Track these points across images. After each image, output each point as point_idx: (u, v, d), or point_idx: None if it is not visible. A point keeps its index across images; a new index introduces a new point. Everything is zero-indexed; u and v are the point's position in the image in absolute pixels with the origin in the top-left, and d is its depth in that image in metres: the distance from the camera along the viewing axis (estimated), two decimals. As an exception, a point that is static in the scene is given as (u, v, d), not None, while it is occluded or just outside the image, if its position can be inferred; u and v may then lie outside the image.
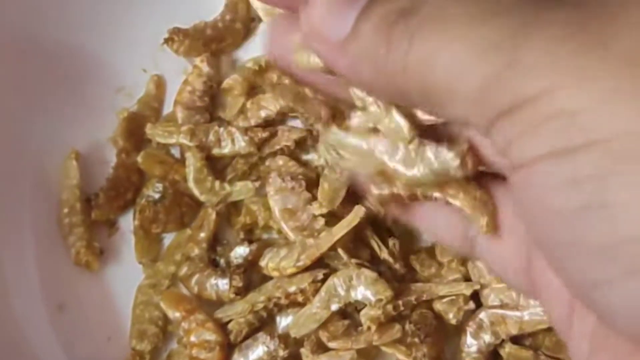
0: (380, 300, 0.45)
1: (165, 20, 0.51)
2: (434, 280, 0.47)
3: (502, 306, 0.45)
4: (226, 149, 0.50)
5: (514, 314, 0.45)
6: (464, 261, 0.47)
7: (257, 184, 0.48)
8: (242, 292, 0.47)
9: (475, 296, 0.46)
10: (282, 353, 0.46)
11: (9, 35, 0.47)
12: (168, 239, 0.50)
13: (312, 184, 0.48)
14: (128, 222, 0.50)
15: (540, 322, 0.44)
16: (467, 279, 0.47)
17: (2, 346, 0.45)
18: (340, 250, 0.45)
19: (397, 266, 0.46)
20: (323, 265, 0.47)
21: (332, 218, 0.47)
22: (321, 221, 0.47)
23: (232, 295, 0.47)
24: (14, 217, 0.48)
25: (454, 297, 0.46)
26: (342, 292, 0.46)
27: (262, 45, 0.44)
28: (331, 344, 0.46)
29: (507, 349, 0.45)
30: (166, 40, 0.51)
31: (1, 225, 0.47)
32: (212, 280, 0.47)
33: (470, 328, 0.45)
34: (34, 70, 0.48)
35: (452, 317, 0.45)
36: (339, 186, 0.46)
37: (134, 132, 0.51)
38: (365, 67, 0.26)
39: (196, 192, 0.49)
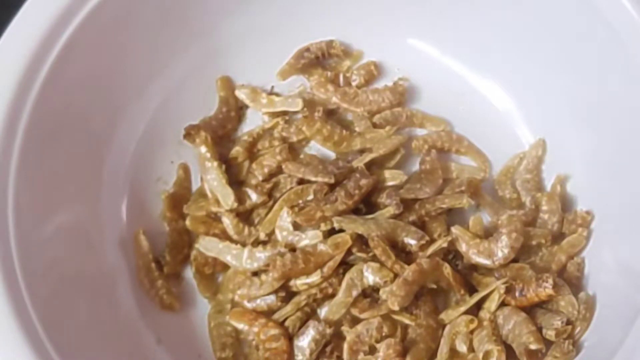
0: (386, 281, 0.57)
1: (179, 121, 0.65)
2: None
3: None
4: (247, 203, 0.63)
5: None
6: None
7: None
8: (285, 300, 0.59)
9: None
10: (328, 331, 0.57)
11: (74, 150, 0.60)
12: (220, 276, 0.62)
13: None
14: (189, 271, 0.62)
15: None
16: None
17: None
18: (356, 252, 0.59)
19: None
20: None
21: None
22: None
23: (279, 303, 0.59)
24: (117, 282, 0.61)
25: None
26: (357, 282, 0.58)
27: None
28: (362, 315, 0.57)
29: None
30: (185, 136, 0.64)
31: (113, 291, 0.60)
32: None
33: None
34: (103, 172, 0.63)
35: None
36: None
37: (176, 206, 0.64)
38: None
39: (237, 239, 0.62)
